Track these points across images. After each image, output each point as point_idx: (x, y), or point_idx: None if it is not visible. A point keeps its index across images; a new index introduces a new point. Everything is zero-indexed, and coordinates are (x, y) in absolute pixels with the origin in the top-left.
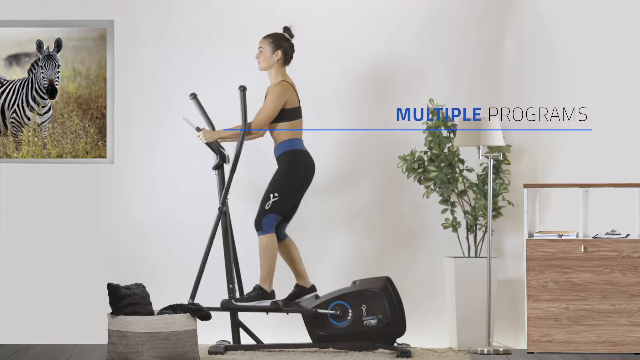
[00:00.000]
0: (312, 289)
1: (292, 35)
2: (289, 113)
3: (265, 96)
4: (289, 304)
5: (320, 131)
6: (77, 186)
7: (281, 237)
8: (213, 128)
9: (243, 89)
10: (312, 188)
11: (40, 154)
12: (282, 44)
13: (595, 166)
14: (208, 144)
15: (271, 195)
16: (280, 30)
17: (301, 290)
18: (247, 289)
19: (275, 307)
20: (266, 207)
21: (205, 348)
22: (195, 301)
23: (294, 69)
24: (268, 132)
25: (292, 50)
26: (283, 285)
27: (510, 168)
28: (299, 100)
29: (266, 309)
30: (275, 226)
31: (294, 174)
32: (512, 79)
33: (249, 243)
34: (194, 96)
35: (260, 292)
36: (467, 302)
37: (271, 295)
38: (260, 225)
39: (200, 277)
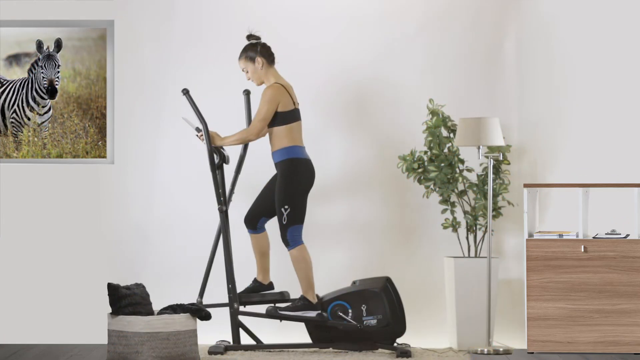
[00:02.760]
0: (270, 286)
1: (258, 37)
2: (283, 116)
3: None
4: (249, 297)
5: (320, 131)
6: (77, 186)
7: (259, 229)
8: (205, 125)
9: (186, 92)
10: (313, 188)
11: (40, 154)
12: (255, 50)
13: (595, 166)
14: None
15: (283, 209)
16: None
17: (259, 286)
18: (244, 287)
19: (321, 319)
20: (284, 222)
21: (205, 348)
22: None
23: (293, 70)
24: (267, 136)
25: (268, 49)
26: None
27: (510, 168)
28: (295, 103)
29: (311, 320)
30: (301, 235)
31: (295, 182)
32: (512, 78)
33: (249, 242)
34: (186, 92)
35: (306, 303)
36: (467, 302)
37: (316, 306)
38: (286, 241)
39: (207, 277)
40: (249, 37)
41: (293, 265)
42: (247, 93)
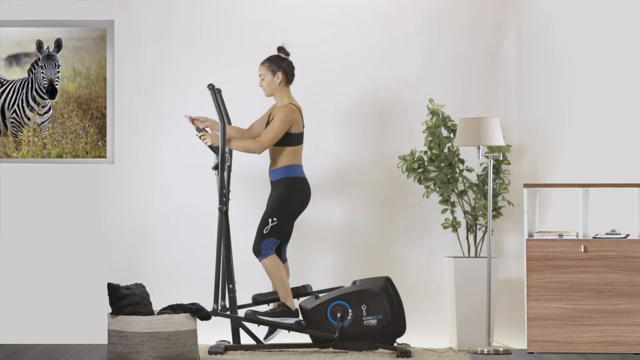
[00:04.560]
0: (296, 313)
1: (287, 54)
2: (294, 138)
3: (269, 117)
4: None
5: (320, 131)
6: (77, 186)
7: (282, 260)
8: (224, 124)
9: (212, 87)
10: (314, 188)
11: (40, 154)
12: (280, 65)
13: (595, 166)
14: (210, 147)
15: (270, 219)
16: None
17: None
18: (246, 288)
19: (299, 327)
20: (265, 232)
21: (205, 348)
22: (196, 302)
23: (297, 66)
24: (269, 149)
25: (292, 69)
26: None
27: (510, 168)
28: (304, 126)
29: (289, 328)
30: (275, 248)
31: (292, 199)
32: (512, 78)
33: (249, 242)
34: (211, 87)
35: (285, 310)
36: (467, 302)
37: (295, 313)
38: (259, 250)
39: (219, 279)
40: (280, 49)
41: (268, 274)
42: (211, 87)
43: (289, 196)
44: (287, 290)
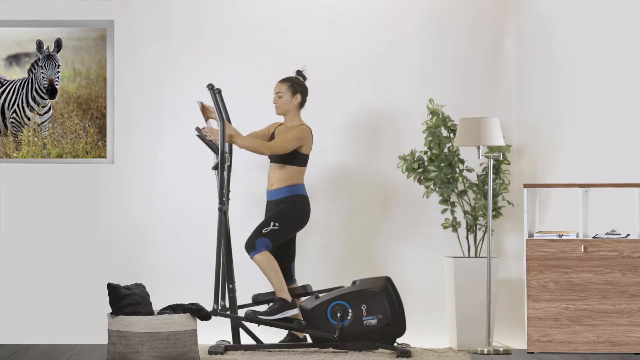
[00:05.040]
0: (293, 304)
1: (305, 78)
2: (302, 158)
3: (273, 132)
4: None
5: (319, 131)
6: (77, 186)
7: (292, 280)
8: (223, 124)
9: (212, 87)
10: (313, 188)
11: (40, 154)
12: (299, 87)
13: (595, 166)
14: (208, 144)
15: (272, 223)
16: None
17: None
18: (246, 288)
19: (299, 326)
20: (263, 231)
21: (205, 348)
22: (196, 302)
23: (292, 70)
24: (271, 169)
25: (307, 94)
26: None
27: (510, 168)
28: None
29: (289, 328)
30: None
31: (296, 214)
32: (512, 78)
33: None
34: (211, 87)
35: (283, 304)
36: (467, 302)
37: (292, 304)
38: (253, 245)
39: (219, 278)
40: (299, 72)
41: (262, 269)
42: (211, 87)
43: (294, 211)
44: (282, 283)
